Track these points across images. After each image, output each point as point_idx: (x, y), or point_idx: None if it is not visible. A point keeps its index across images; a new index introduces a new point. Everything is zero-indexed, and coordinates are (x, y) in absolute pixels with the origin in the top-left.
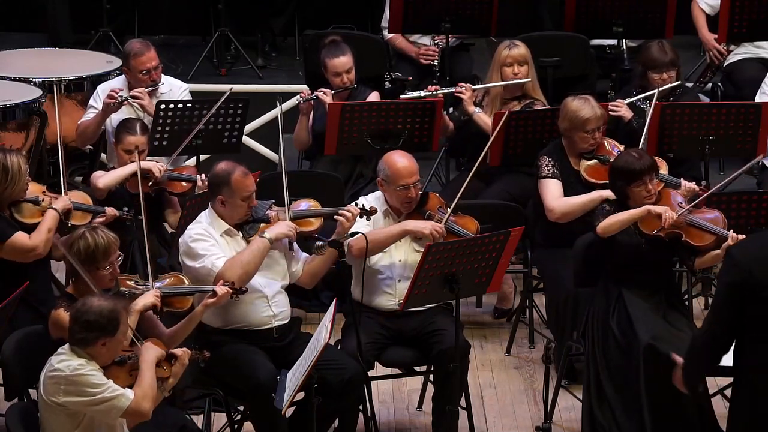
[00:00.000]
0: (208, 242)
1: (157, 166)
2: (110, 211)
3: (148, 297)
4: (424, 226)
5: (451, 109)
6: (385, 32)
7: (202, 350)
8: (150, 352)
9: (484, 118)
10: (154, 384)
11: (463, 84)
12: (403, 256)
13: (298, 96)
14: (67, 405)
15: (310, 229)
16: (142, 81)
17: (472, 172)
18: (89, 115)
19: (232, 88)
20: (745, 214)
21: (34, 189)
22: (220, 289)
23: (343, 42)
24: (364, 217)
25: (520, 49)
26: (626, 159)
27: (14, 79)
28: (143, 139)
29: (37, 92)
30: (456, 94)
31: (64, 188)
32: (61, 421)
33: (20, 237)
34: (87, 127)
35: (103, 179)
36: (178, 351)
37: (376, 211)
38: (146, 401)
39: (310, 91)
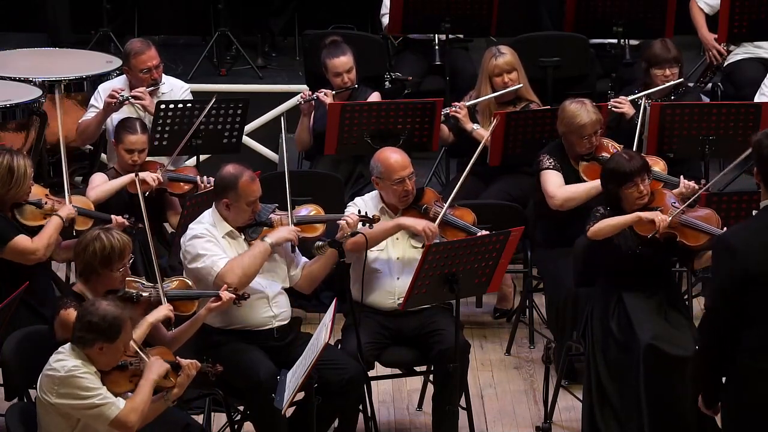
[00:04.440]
0: (210, 242)
1: (152, 175)
2: (118, 219)
3: (162, 310)
4: (418, 222)
5: (449, 112)
6: (384, 19)
7: (215, 364)
8: (154, 369)
9: (482, 133)
10: (147, 400)
11: (456, 103)
12: (400, 253)
13: (299, 96)
14: (58, 406)
15: (314, 234)
16: (142, 80)
17: (469, 167)
18: (90, 114)
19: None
20: (744, 215)
21: (36, 192)
22: (224, 294)
23: (343, 42)
24: (366, 224)
25: (506, 57)
26: (617, 161)
27: (14, 79)
28: (144, 137)
29: (37, 92)
30: (452, 114)
31: (68, 195)
32: (56, 422)
33: (22, 240)
34: (87, 126)
35: (94, 192)
36: (185, 362)
37: (378, 219)
38: (134, 414)
39: (310, 92)
